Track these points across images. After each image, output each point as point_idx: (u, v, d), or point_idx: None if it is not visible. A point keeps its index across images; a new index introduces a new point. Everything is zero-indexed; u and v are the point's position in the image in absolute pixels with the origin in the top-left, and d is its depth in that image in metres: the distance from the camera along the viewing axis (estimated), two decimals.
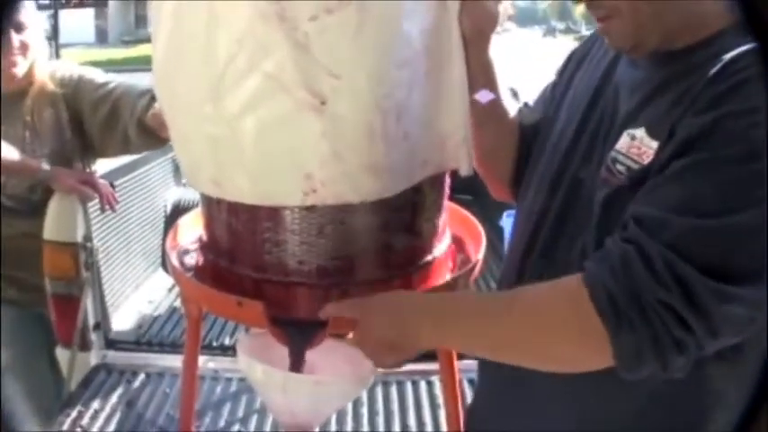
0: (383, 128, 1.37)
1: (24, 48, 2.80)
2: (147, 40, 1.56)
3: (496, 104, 1.59)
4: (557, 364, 1.25)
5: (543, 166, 1.51)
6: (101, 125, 2.90)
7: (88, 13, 32.57)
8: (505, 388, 1.45)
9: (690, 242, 1.10)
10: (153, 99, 2.60)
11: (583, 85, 1.50)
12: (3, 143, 2.76)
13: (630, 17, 1.25)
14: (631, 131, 1.26)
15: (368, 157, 1.38)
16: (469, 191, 3.99)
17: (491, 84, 1.56)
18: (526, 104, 1.67)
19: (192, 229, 1.84)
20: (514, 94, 1.68)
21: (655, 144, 1.21)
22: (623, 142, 1.27)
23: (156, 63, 1.51)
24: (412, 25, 1.37)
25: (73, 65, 3.09)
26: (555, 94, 1.61)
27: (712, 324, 1.09)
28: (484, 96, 1.49)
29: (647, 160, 1.22)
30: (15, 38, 2.76)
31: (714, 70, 1.15)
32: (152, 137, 2.67)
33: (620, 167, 1.26)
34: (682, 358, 1.13)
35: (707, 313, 1.09)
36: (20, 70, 2.82)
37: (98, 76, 3.00)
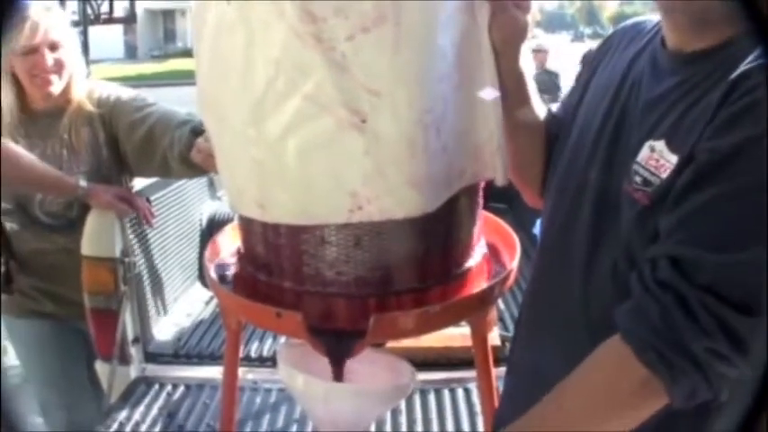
0: (424, 142, 1.39)
1: (59, 66, 2.82)
2: (176, 54, 1.60)
3: (528, 112, 1.60)
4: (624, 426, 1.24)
5: (562, 173, 1.52)
6: (136, 149, 2.92)
7: (117, 29, 32.68)
8: (528, 392, 1.46)
9: (725, 280, 1.11)
10: (193, 132, 2.62)
11: (600, 89, 1.50)
12: (40, 161, 2.80)
13: None
14: (651, 143, 1.27)
15: (411, 172, 1.40)
16: (504, 199, 4.01)
17: (523, 92, 1.57)
18: (550, 111, 1.68)
19: (229, 242, 1.86)
20: (543, 101, 1.69)
21: (674, 158, 1.22)
22: (644, 153, 1.28)
23: (200, 89, 1.54)
24: (445, 39, 1.38)
25: (111, 85, 3.11)
26: (572, 98, 1.62)
27: (754, 357, 1.11)
28: (489, 94, 1.49)
29: (664, 174, 1.23)
30: (49, 56, 2.77)
31: (730, 82, 1.15)
32: (195, 169, 2.68)
33: (637, 179, 1.27)
34: (728, 384, 1.16)
35: (749, 348, 1.10)
36: (55, 89, 2.84)
37: (136, 99, 3.01)
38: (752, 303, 1.10)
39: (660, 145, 1.25)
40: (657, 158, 1.25)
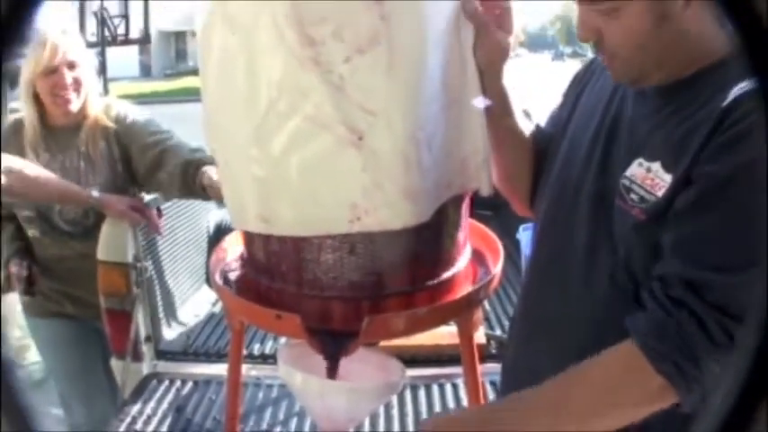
0: (417, 157, 1.38)
1: (77, 84, 2.82)
2: (188, 73, 1.58)
3: (513, 127, 1.59)
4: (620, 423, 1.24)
5: (554, 188, 1.52)
6: (146, 170, 2.95)
7: (133, 50, 32.64)
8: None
9: (732, 299, 1.12)
10: (199, 166, 2.73)
11: (588, 109, 1.50)
12: (55, 176, 2.81)
13: (630, 59, 1.26)
14: (645, 162, 1.27)
15: (405, 186, 1.39)
16: (490, 207, 3.99)
17: (507, 109, 1.56)
18: (537, 126, 1.67)
19: (233, 248, 1.86)
20: (527, 115, 1.68)
21: (668, 177, 1.22)
22: (635, 170, 1.28)
23: (205, 111, 1.52)
24: (434, 60, 1.38)
25: (128, 105, 3.11)
26: (562, 114, 1.61)
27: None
28: (479, 102, 1.49)
29: (659, 192, 1.23)
30: (68, 75, 2.78)
31: (722, 109, 1.16)
32: (199, 197, 2.77)
33: (633, 196, 1.27)
34: None
35: None
36: (74, 107, 2.85)
37: (150, 123, 3.03)
38: None
39: (656, 165, 1.25)
40: (653, 178, 1.25)
